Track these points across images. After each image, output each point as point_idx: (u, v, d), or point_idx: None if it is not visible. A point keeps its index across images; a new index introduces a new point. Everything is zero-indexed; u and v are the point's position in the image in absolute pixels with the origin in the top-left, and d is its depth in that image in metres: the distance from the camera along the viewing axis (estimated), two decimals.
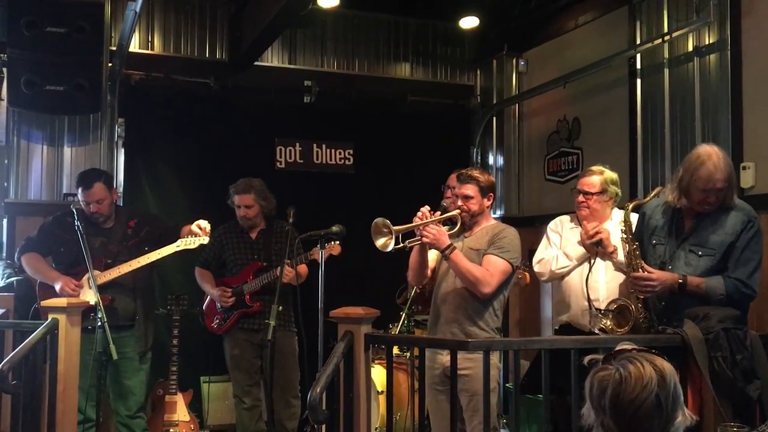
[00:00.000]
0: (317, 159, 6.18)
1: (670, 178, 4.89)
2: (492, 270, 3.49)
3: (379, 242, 3.33)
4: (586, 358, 1.73)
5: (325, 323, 3.44)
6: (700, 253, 3.31)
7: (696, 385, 3.05)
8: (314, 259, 4.40)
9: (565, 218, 4.02)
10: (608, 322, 3.43)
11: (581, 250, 3.80)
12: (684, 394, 1.68)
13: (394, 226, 3.33)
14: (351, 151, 6.27)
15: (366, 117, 6.25)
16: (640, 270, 3.37)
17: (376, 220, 3.34)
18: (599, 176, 3.83)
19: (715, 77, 4.61)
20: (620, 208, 3.80)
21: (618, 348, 1.70)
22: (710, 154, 3.25)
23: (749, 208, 3.35)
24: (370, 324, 3.19)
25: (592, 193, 3.82)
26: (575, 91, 5.79)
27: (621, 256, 3.70)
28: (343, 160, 6.25)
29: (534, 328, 6.06)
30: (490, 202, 3.69)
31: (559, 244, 3.93)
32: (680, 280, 3.27)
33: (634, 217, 3.61)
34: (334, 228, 3.68)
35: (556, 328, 4.00)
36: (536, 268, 3.96)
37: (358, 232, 3.69)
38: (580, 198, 3.85)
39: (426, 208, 3.47)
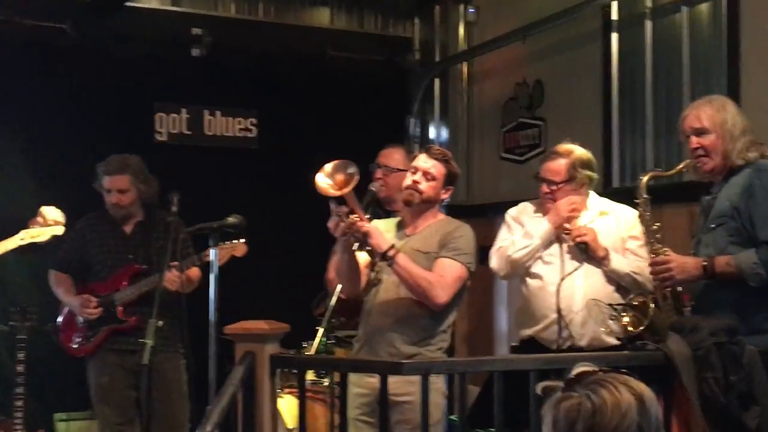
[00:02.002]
0: (209, 130, 6.13)
1: (652, 157, 5.04)
2: (447, 276, 3.52)
3: (323, 182, 3.35)
4: (539, 386, 1.73)
5: (219, 342, 3.41)
6: (712, 225, 3.44)
7: (682, 413, 3.13)
8: (209, 261, 4.35)
9: (529, 205, 4.07)
10: (627, 319, 3.49)
11: (546, 227, 3.85)
12: (667, 425, 1.72)
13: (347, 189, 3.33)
14: (254, 121, 6.23)
15: (273, 77, 6.20)
16: (660, 256, 3.51)
17: (349, 164, 3.39)
18: (565, 159, 3.87)
19: (708, 31, 4.73)
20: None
21: (577, 370, 1.71)
22: (708, 97, 3.55)
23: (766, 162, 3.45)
24: (277, 342, 3.18)
25: (557, 182, 3.87)
26: (537, 47, 5.86)
27: (615, 263, 3.77)
28: (243, 132, 6.21)
29: (486, 345, 6.14)
30: (446, 196, 3.73)
31: (519, 235, 3.97)
32: (704, 263, 3.38)
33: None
34: (231, 219, 3.63)
35: (515, 344, 4.06)
36: (492, 263, 3.99)
37: (263, 224, 3.67)
38: (543, 188, 3.91)
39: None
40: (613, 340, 3.75)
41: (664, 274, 3.48)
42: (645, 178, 3.67)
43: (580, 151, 3.91)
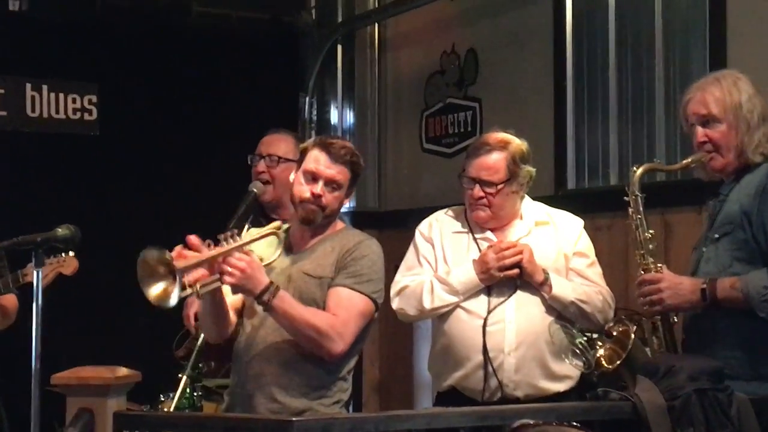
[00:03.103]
0: (34, 110, 6.08)
1: (617, 150, 5.13)
2: (344, 315, 3.51)
3: (155, 291, 3.23)
4: None
5: (44, 395, 3.36)
6: (716, 235, 3.48)
7: None
8: (28, 283, 4.29)
9: (445, 217, 4.07)
10: (603, 352, 3.49)
11: (471, 276, 3.88)
12: None
13: (176, 258, 3.23)
14: (93, 98, 6.20)
15: (121, 40, 6.19)
16: (651, 272, 3.55)
17: (143, 254, 3.23)
18: (502, 153, 3.88)
19: None
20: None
21: (516, 425, 1.74)
22: (716, 73, 3.60)
23: None
24: (124, 395, 3.14)
25: (496, 184, 3.89)
26: (470, 5, 5.93)
27: (558, 289, 3.80)
28: (79, 113, 6.18)
29: (403, 395, 6.16)
30: (347, 201, 3.75)
31: (434, 262, 4.00)
32: (703, 286, 3.40)
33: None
34: (61, 230, 3.59)
35: (440, 392, 4.09)
36: (396, 303, 3.99)
37: (105, 236, 3.61)
38: (476, 192, 3.91)
39: (195, 238, 3.38)
40: (558, 387, 3.80)
41: (653, 296, 3.52)
42: (639, 171, 3.69)
43: (517, 142, 3.91)
